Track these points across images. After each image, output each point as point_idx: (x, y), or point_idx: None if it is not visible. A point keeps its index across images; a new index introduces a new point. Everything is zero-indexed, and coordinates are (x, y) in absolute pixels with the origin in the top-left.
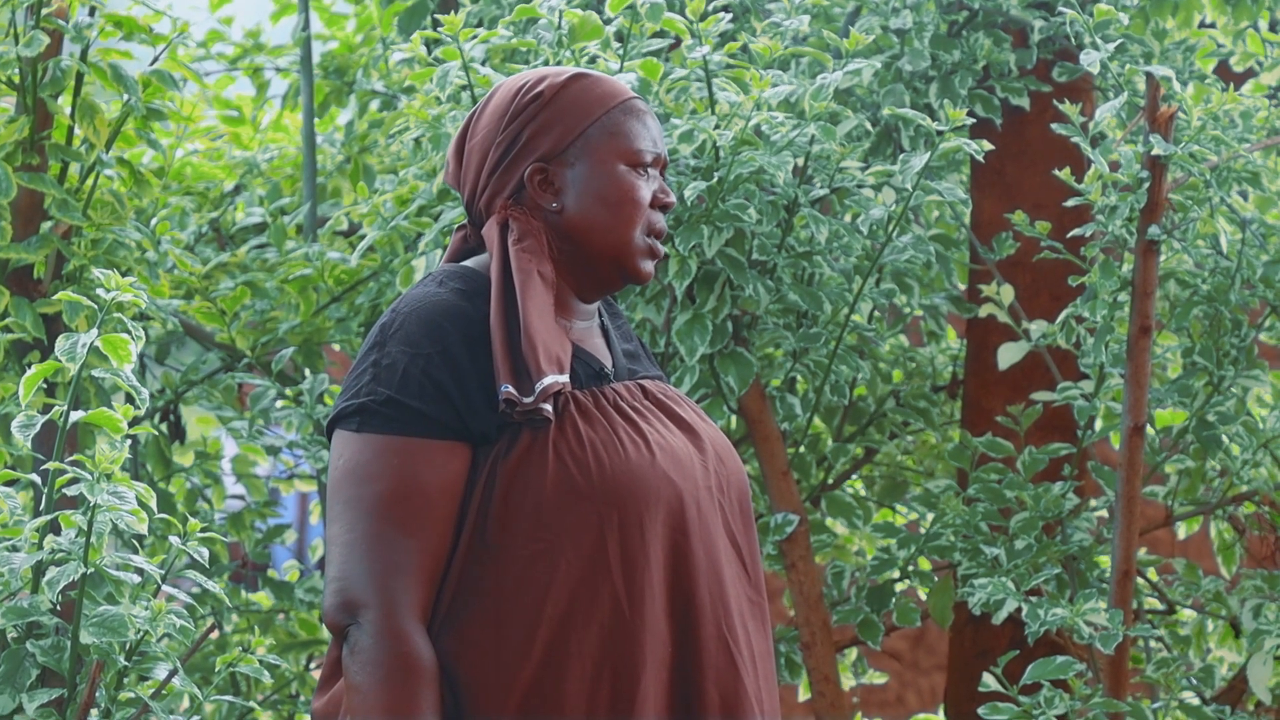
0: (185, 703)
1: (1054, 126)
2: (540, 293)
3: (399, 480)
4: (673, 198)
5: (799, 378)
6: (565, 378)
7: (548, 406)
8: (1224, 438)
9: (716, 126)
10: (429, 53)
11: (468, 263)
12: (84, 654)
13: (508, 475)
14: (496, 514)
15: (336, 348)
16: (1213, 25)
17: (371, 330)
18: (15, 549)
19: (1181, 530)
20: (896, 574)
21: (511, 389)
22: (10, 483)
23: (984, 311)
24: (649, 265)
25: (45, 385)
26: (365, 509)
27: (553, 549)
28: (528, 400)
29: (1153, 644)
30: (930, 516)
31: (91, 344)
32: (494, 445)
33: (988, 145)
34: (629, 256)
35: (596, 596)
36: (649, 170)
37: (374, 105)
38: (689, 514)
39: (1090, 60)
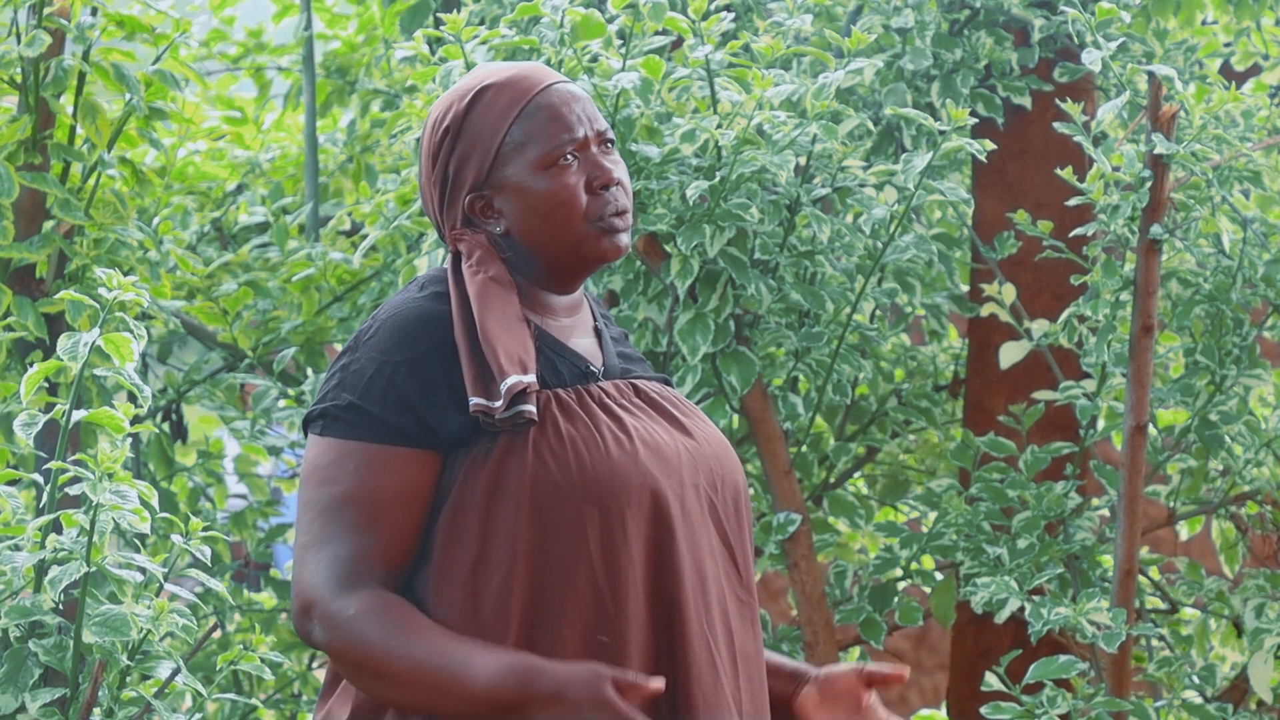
0: (188, 701)
1: (1056, 125)
2: (495, 296)
3: (354, 484)
4: (612, 171)
5: (801, 377)
6: (530, 377)
7: (529, 408)
8: (1226, 437)
9: (719, 126)
10: (431, 52)
11: None
12: (86, 653)
13: (488, 477)
14: (478, 516)
15: (338, 347)
16: (1214, 23)
17: (352, 335)
18: (18, 548)
19: (1184, 530)
20: (899, 573)
21: (481, 400)
22: (12, 482)
23: (986, 311)
24: (611, 242)
25: (47, 384)
26: (319, 510)
27: (534, 548)
28: (496, 405)
29: (1155, 643)
30: (932, 515)
31: (93, 343)
32: (472, 448)
33: (990, 145)
34: (584, 249)
35: (579, 595)
36: (574, 158)
37: (376, 105)
38: (673, 510)
39: (1092, 59)
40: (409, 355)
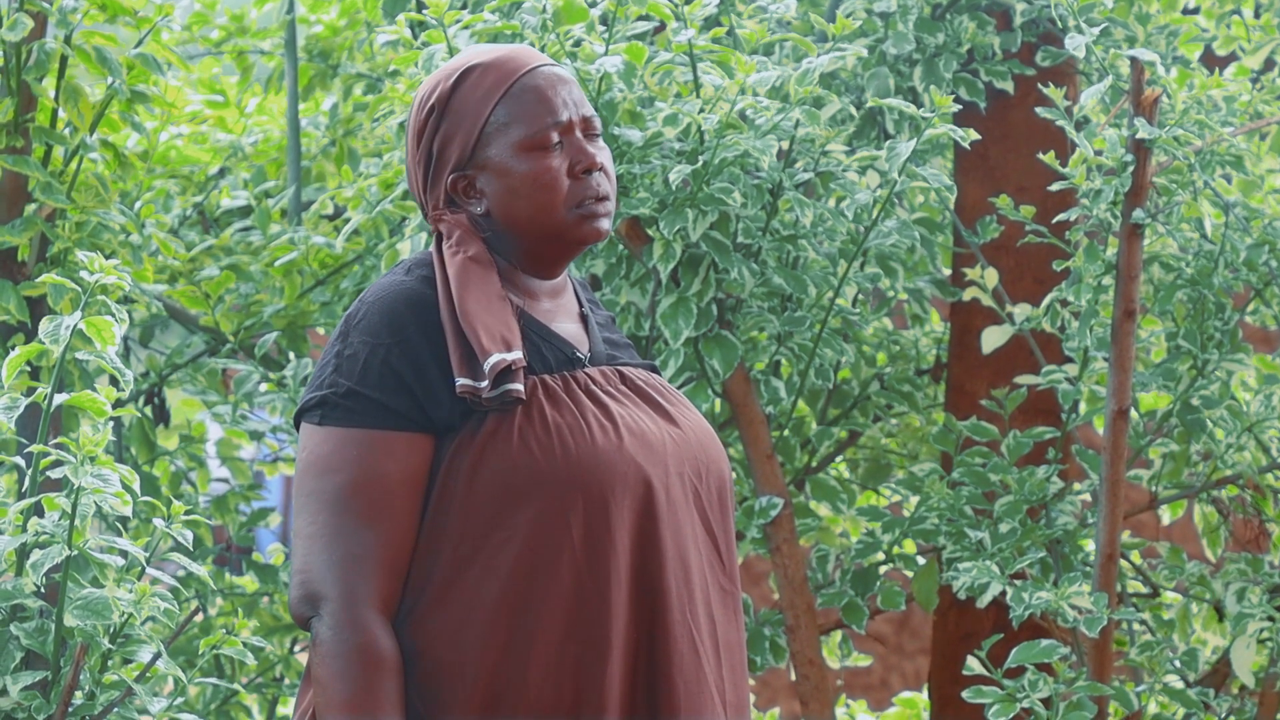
0: (169, 685)
1: (1038, 110)
2: (475, 276)
3: (359, 472)
4: (595, 156)
5: (783, 361)
6: (515, 354)
7: (517, 386)
8: (1208, 421)
9: (701, 110)
10: (414, 36)
11: None
12: (68, 637)
13: (472, 462)
14: (461, 501)
15: (321, 331)
16: (1196, 10)
17: (340, 321)
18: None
19: (1166, 514)
20: (881, 557)
21: (467, 381)
22: None
23: (968, 295)
24: (591, 226)
25: (29, 368)
26: (326, 501)
27: (516, 535)
28: (482, 385)
29: (1136, 627)
30: (914, 500)
31: (75, 326)
32: (459, 433)
33: (975, 135)
34: (564, 233)
35: (560, 582)
36: (559, 141)
37: (359, 89)
38: (658, 499)
39: (1075, 44)
40: (399, 337)
